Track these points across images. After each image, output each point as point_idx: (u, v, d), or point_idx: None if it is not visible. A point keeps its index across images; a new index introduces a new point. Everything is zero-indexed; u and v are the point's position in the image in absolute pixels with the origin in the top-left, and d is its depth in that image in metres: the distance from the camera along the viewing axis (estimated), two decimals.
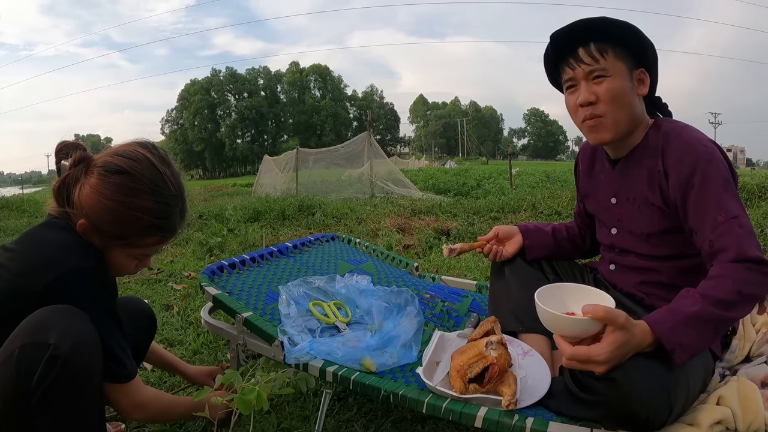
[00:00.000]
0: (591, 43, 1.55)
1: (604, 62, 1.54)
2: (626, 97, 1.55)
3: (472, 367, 1.43)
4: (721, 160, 1.46)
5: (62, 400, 1.17)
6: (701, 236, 1.42)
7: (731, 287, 1.28)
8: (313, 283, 2.14)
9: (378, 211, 8.21)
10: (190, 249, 5.60)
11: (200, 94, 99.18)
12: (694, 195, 1.43)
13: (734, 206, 1.39)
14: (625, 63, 1.55)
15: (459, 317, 2.18)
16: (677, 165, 1.48)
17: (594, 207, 1.85)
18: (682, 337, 1.23)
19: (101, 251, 1.43)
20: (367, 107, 60.17)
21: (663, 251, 1.62)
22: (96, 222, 1.38)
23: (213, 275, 2.23)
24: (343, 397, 2.08)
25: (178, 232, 1.52)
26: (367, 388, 1.58)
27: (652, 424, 1.22)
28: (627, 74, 1.55)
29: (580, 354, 1.21)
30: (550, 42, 1.64)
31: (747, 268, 1.31)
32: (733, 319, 1.34)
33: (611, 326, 1.19)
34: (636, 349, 1.23)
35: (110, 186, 1.36)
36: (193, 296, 3.63)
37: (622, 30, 1.55)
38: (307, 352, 1.68)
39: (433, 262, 4.65)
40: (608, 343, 1.19)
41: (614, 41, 1.55)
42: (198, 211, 8.81)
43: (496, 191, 13.89)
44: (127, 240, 1.42)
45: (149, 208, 1.40)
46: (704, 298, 1.27)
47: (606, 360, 1.18)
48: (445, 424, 1.87)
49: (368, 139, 16.56)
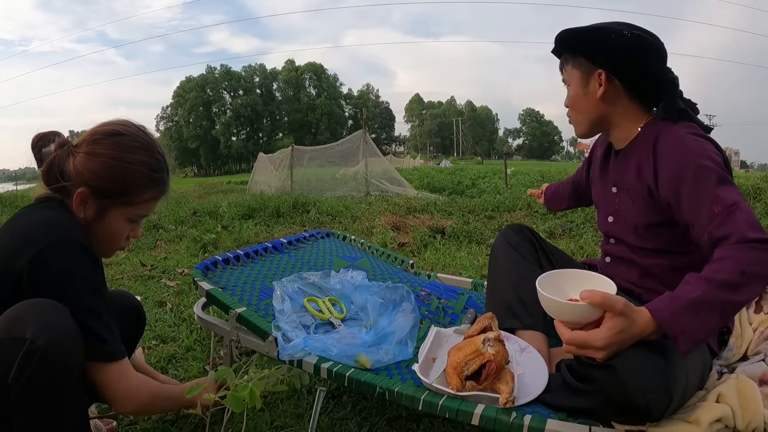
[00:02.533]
0: (563, 54, 1.75)
1: (565, 73, 1.75)
2: (580, 103, 1.71)
3: (469, 364, 1.41)
4: (713, 151, 1.44)
5: (40, 396, 1.14)
6: (699, 229, 1.38)
7: (734, 267, 1.23)
8: (307, 279, 2.12)
9: (373, 209, 8.20)
10: (184, 246, 5.58)
11: (195, 91, 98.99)
12: (687, 189, 1.41)
13: (730, 195, 1.35)
14: (580, 70, 1.69)
15: (455, 314, 2.16)
16: (667, 160, 1.48)
17: (597, 194, 1.88)
18: (685, 323, 1.20)
19: (92, 224, 1.43)
20: (363, 106, 60.20)
21: (650, 244, 1.63)
22: (97, 183, 1.40)
23: (207, 271, 2.21)
24: (338, 395, 2.07)
25: (167, 189, 1.56)
26: (363, 385, 1.56)
27: (651, 414, 1.20)
28: (581, 81, 1.69)
29: (577, 338, 1.22)
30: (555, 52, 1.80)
31: (750, 247, 1.26)
32: (741, 302, 1.27)
33: (610, 312, 1.19)
34: (638, 336, 1.21)
35: (107, 146, 1.41)
36: (186, 293, 3.61)
37: (573, 39, 1.70)
38: (301, 349, 1.66)
39: (428, 260, 4.64)
40: (606, 329, 1.19)
41: (574, 51, 1.70)
42: (192, 207, 8.79)
43: (491, 190, 13.88)
44: (127, 196, 1.44)
45: (146, 162, 1.46)
46: (707, 281, 1.23)
47: (604, 345, 1.18)
48: (440, 422, 1.86)
49: (363, 137, 16.54)
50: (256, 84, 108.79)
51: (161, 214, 7.66)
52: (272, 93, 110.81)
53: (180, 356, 2.52)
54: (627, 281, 1.71)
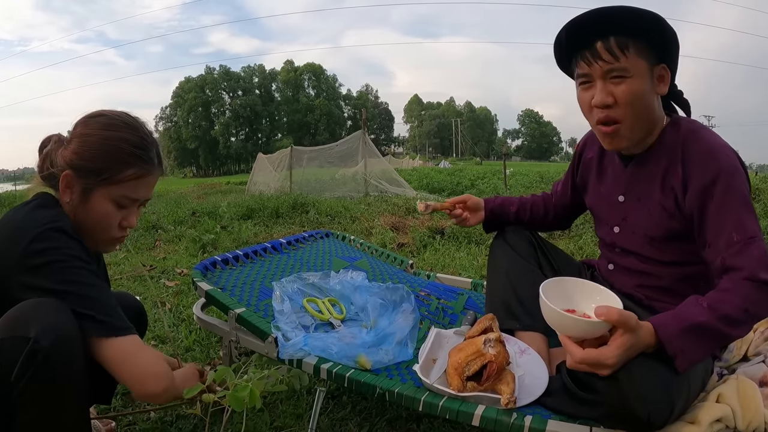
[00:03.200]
0: (611, 37, 1.41)
1: (624, 60, 1.41)
2: (646, 100, 1.45)
3: (470, 365, 1.40)
4: (742, 172, 1.41)
5: (42, 395, 1.14)
6: (714, 251, 1.37)
7: (739, 303, 1.25)
8: (307, 280, 2.11)
9: (372, 209, 8.20)
10: (183, 246, 5.57)
11: (194, 91, 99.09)
12: (713, 207, 1.38)
13: (752, 225, 1.34)
14: (646, 60, 1.43)
15: (455, 315, 2.16)
16: (699, 172, 1.41)
17: (595, 201, 1.80)
18: (685, 343, 1.21)
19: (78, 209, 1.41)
20: (362, 106, 60.14)
21: (665, 257, 1.58)
22: (78, 163, 1.38)
23: (206, 271, 2.20)
24: (337, 395, 2.06)
25: (156, 170, 1.50)
26: (362, 385, 1.55)
27: (653, 424, 1.20)
28: (648, 73, 1.44)
29: (590, 357, 1.18)
30: (565, 31, 1.50)
31: (758, 287, 1.27)
32: (734, 338, 1.30)
33: (622, 329, 1.17)
34: (641, 350, 1.21)
35: (92, 125, 1.41)
36: (185, 293, 3.61)
37: (646, 22, 1.40)
38: (301, 348, 1.65)
39: (427, 261, 4.63)
40: (617, 346, 1.16)
41: (636, 35, 1.41)
42: (191, 208, 8.79)
43: (490, 191, 13.92)
44: (107, 174, 1.39)
45: (127, 138, 1.42)
46: (711, 309, 1.24)
47: (615, 363, 1.16)
48: (440, 422, 1.86)
49: (362, 137, 16.52)
50: (255, 84, 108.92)
51: (160, 214, 7.66)
52: (271, 94, 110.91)
53: (179, 356, 2.51)
54: (630, 287, 1.68)
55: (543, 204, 2.06)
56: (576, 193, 1.94)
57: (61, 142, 1.43)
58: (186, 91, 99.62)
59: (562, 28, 1.50)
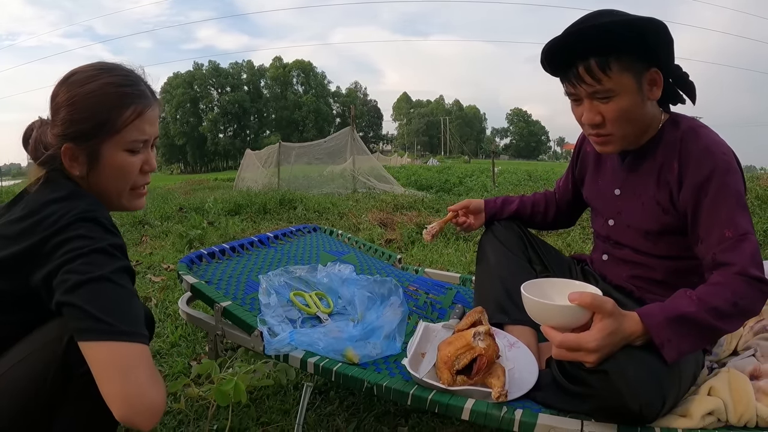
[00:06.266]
0: (591, 59, 1.37)
1: (608, 81, 1.38)
2: (635, 113, 1.44)
3: (459, 359, 1.39)
4: (738, 170, 1.41)
5: (96, 395, 1.08)
6: (706, 247, 1.38)
7: (729, 297, 1.26)
8: (294, 273, 2.09)
9: (360, 205, 8.19)
10: (170, 241, 5.53)
11: (183, 87, 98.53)
12: (707, 204, 1.38)
13: (744, 223, 1.35)
14: (633, 73, 1.39)
15: (443, 309, 2.14)
16: (695, 169, 1.41)
17: (592, 194, 1.81)
18: (672, 333, 1.21)
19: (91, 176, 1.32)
20: (351, 104, 60.14)
21: (659, 250, 1.59)
22: (73, 130, 1.27)
23: (192, 264, 2.17)
24: (325, 391, 2.04)
25: (153, 102, 1.39)
26: (350, 379, 1.53)
27: (644, 417, 1.20)
28: (636, 86, 1.41)
29: (569, 341, 1.18)
30: (544, 56, 1.47)
31: (748, 282, 1.28)
32: (723, 331, 1.31)
33: (599, 314, 1.17)
34: (626, 339, 1.20)
35: (72, 87, 1.29)
36: (171, 288, 3.57)
37: (624, 35, 1.35)
38: (287, 343, 1.63)
39: (415, 256, 4.62)
40: (597, 330, 1.16)
41: (618, 50, 1.36)
42: (178, 203, 8.75)
43: (478, 188, 13.93)
44: (107, 126, 1.28)
45: (111, 82, 1.30)
46: (700, 301, 1.24)
47: (596, 348, 1.16)
48: (429, 417, 1.84)
49: (351, 134, 16.52)
50: (244, 81, 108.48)
51: (147, 210, 7.59)
52: (260, 90, 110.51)
53: (165, 352, 2.48)
54: (623, 279, 1.69)
55: (544, 201, 2.06)
56: (576, 188, 1.94)
57: (46, 123, 1.34)
58: (174, 87, 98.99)
59: (542, 51, 1.47)
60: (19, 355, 1.14)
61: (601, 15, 1.38)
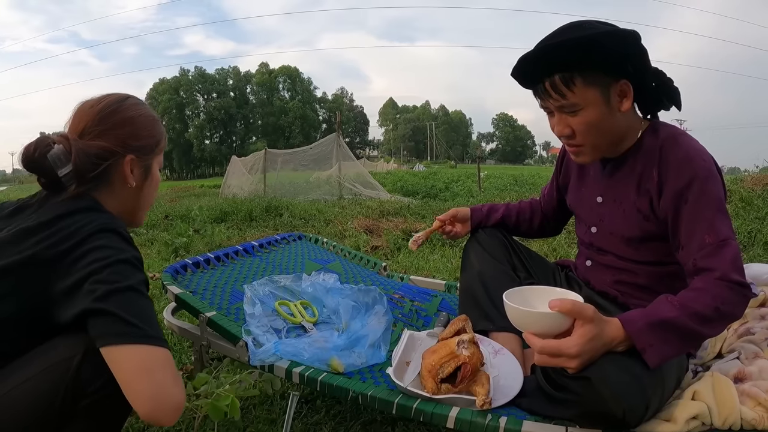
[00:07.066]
0: (555, 75, 1.40)
1: (572, 96, 1.41)
2: (603, 124, 1.46)
3: (443, 367, 1.39)
4: (717, 177, 1.42)
5: (105, 413, 1.16)
6: (686, 253, 1.39)
7: (710, 302, 1.27)
8: (279, 282, 2.09)
9: (346, 212, 8.18)
10: (155, 249, 5.51)
11: (169, 93, 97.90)
12: (687, 210, 1.40)
13: (724, 229, 1.36)
14: (598, 86, 1.41)
15: (428, 317, 2.15)
16: (674, 176, 1.42)
17: (575, 202, 1.81)
18: (654, 338, 1.22)
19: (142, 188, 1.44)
20: (337, 110, 59.94)
21: (642, 256, 1.59)
22: (139, 144, 1.39)
23: (176, 274, 2.17)
24: (311, 400, 2.04)
25: None
26: (335, 389, 1.53)
27: (628, 423, 1.20)
28: (601, 99, 1.42)
29: (550, 347, 1.19)
30: (514, 72, 1.51)
31: (729, 287, 1.29)
32: (705, 336, 1.32)
33: (580, 320, 1.18)
34: (607, 345, 1.21)
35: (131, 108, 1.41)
36: (157, 297, 3.54)
37: (585, 52, 1.37)
38: (272, 354, 1.63)
39: (401, 263, 4.63)
40: (578, 336, 1.17)
41: (582, 64, 1.38)
42: (164, 211, 8.70)
43: (464, 193, 13.98)
44: (158, 146, 1.47)
45: (151, 111, 1.49)
46: (682, 307, 1.25)
47: (577, 353, 1.17)
48: (416, 425, 1.84)
49: (337, 140, 16.50)
50: (230, 87, 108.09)
51: None
52: (246, 96, 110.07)
53: None
54: (607, 284, 1.69)
55: (530, 209, 2.07)
56: (561, 195, 1.95)
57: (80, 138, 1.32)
58: (160, 93, 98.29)
59: (514, 65, 1.50)
60: (25, 373, 1.14)
61: (569, 29, 1.41)
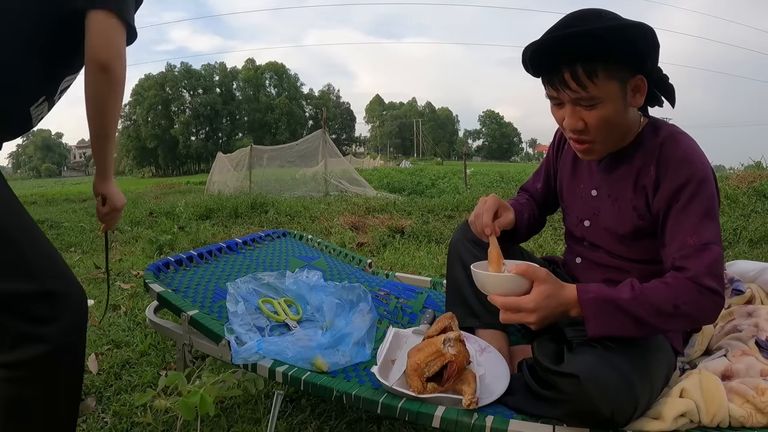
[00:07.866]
0: (578, 66, 1.30)
1: (593, 88, 1.32)
2: (619, 120, 1.40)
3: (429, 366, 1.38)
4: (712, 181, 1.41)
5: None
6: (668, 252, 1.39)
7: (670, 297, 1.28)
8: (262, 280, 2.07)
9: (332, 209, 8.16)
10: (139, 247, 5.46)
11: (155, 89, 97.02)
12: (676, 210, 1.39)
13: (708, 234, 1.34)
14: (618, 80, 1.34)
15: (414, 314, 2.13)
16: (672, 175, 1.40)
17: (568, 192, 1.75)
18: (599, 311, 1.28)
19: None
20: (323, 106, 59.63)
21: (634, 254, 1.58)
22: None
23: (158, 272, 2.14)
24: (296, 399, 2.02)
25: None
26: (319, 388, 1.51)
27: (616, 422, 1.20)
28: (620, 94, 1.35)
29: (510, 302, 1.30)
30: (528, 57, 1.40)
31: (698, 290, 1.29)
32: (658, 328, 1.31)
33: (536, 280, 1.29)
34: (563, 305, 1.30)
35: None
36: (141, 296, 3.52)
37: (614, 43, 1.29)
38: (255, 352, 1.60)
39: (386, 260, 4.61)
40: (535, 293, 1.28)
41: (606, 56, 1.30)
42: (148, 208, 8.65)
43: (450, 190, 13.96)
44: None
45: None
46: (639, 293, 1.28)
47: (534, 308, 1.27)
48: (401, 424, 1.84)
49: (323, 137, 16.47)
50: (216, 83, 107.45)
51: None
52: (232, 92, 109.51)
53: (134, 361, 2.44)
54: (597, 281, 1.65)
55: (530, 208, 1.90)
56: (550, 184, 1.86)
57: None
58: (146, 89, 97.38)
59: (525, 51, 1.40)
60: None
61: (589, 17, 1.31)
